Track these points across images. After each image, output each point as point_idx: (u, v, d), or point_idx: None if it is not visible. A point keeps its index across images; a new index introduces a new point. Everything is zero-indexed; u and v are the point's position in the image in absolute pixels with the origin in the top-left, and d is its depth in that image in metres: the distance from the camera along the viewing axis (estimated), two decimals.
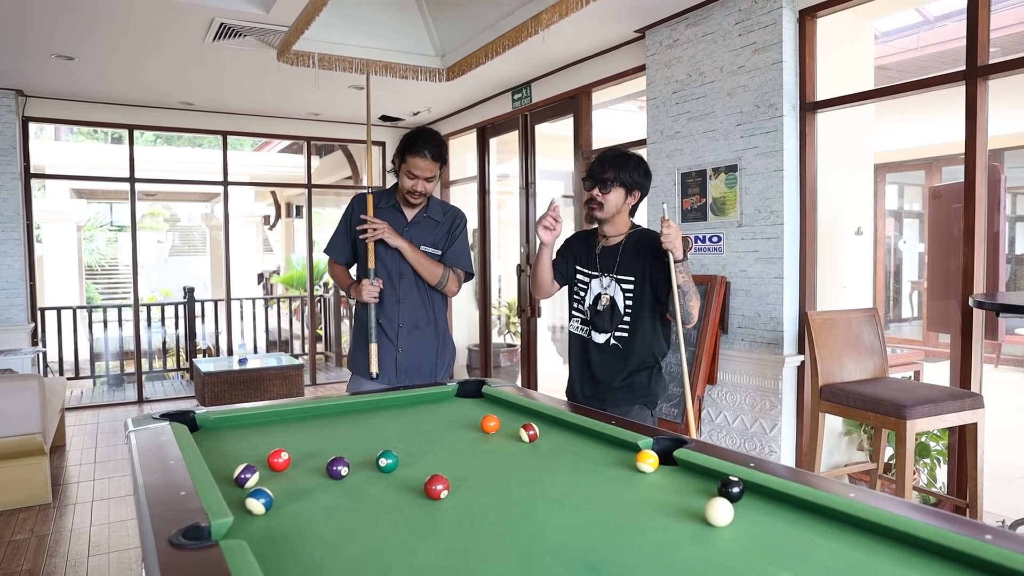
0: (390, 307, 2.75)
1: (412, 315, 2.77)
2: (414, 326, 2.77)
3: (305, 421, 2.19)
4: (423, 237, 2.78)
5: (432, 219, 2.80)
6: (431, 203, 2.83)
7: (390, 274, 2.74)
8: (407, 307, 2.76)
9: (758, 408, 3.74)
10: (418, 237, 2.78)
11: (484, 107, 6.40)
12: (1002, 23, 5.10)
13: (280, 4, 3.85)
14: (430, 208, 2.82)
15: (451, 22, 2.64)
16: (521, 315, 6.04)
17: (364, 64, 2.70)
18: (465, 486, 1.56)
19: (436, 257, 2.80)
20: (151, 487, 1.45)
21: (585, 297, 2.56)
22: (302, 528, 1.34)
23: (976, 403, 2.91)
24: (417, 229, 2.78)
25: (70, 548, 3.40)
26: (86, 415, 6.28)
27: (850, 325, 3.32)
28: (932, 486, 3.60)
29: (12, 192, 5.78)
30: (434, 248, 2.80)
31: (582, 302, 2.58)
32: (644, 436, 1.81)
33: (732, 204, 3.82)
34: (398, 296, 2.75)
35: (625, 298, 2.45)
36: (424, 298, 2.79)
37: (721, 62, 3.84)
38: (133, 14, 4.06)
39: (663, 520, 1.37)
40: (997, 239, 3.40)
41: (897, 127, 7.05)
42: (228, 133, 7.01)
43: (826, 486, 1.43)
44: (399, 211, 2.78)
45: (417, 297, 2.77)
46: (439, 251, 2.81)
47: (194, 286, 8.39)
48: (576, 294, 2.61)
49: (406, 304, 2.76)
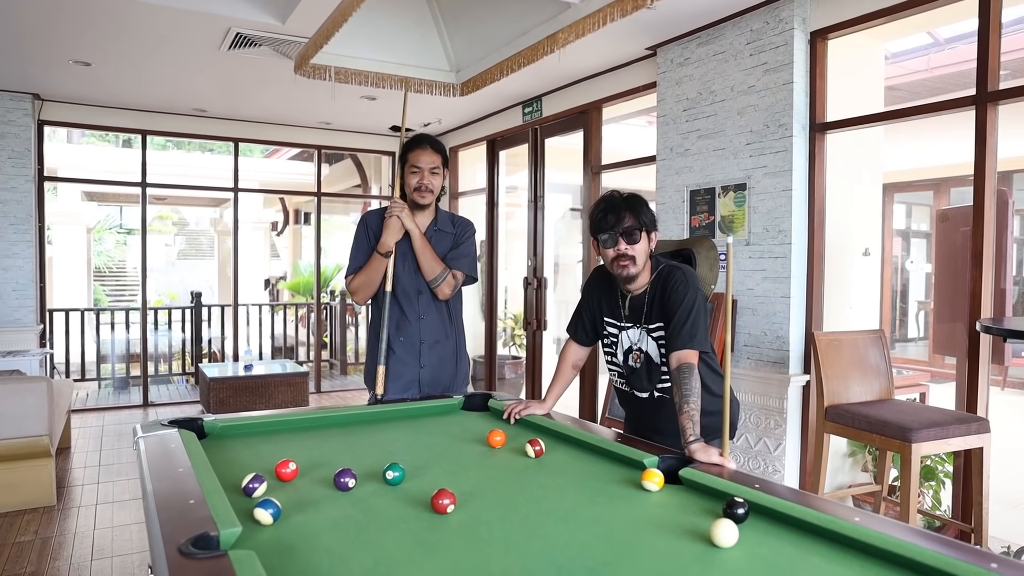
0: (411, 324, 2.74)
1: (433, 331, 2.77)
2: (435, 341, 2.77)
3: (312, 431, 2.21)
4: (437, 250, 2.76)
5: (442, 231, 2.80)
6: (440, 215, 2.82)
7: (408, 292, 2.73)
8: (427, 323, 2.76)
9: (763, 427, 3.73)
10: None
11: (494, 120, 6.44)
12: (1013, 46, 5.12)
13: (296, 15, 3.90)
14: (439, 220, 2.81)
15: (467, 38, 2.67)
16: (527, 328, 6.05)
17: (380, 78, 2.73)
18: (471, 501, 1.57)
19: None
20: (160, 494, 1.47)
21: (616, 351, 2.31)
22: (310, 540, 1.35)
23: (982, 427, 2.91)
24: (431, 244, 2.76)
25: (74, 551, 3.41)
26: (91, 417, 6.31)
27: (856, 346, 3.32)
28: (936, 509, 3.58)
29: (26, 194, 5.84)
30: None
31: (615, 355, 2.33)
32: (650, 454, 1.82)
33: (740, 222, 3.83)
34: (418, 313, 2.75)
35: (660, 347, 2.19)
36: (442, 313, 2.79)
37: (732, 81, 3.86)
38: (152, 23, 4.12)
39: (668, 540, 1.38)
40: (1005, 263, 3.40)
41: (906, 147, 7.06)
42: (240, 140, 7.07)
43: (831, 509, 1.44)
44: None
45: (436, 312, 2.77)
46: None
47: (201, 291, 8.43)
48: (608, 347, 2.35)
49: (426, 320, 2.76)
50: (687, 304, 2.10)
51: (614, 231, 2.13)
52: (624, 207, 2.14)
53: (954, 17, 3.65)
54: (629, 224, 2.12)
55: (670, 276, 2.17)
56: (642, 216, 2.15)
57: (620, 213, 2.13)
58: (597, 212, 2.18)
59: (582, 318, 2.39)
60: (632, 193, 2.20)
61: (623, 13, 1.80)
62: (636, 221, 2.13)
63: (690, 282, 2.15)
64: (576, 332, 2.41)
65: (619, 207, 2.14)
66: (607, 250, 2.17)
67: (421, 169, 2.65)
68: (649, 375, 2.23)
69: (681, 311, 2.10)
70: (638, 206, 2.16)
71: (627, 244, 2.13)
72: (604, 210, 2.16)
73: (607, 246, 2.16)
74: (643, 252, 2.16)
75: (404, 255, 2.73)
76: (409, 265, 2.73)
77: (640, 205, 2.16)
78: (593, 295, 2.36)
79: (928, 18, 3.49)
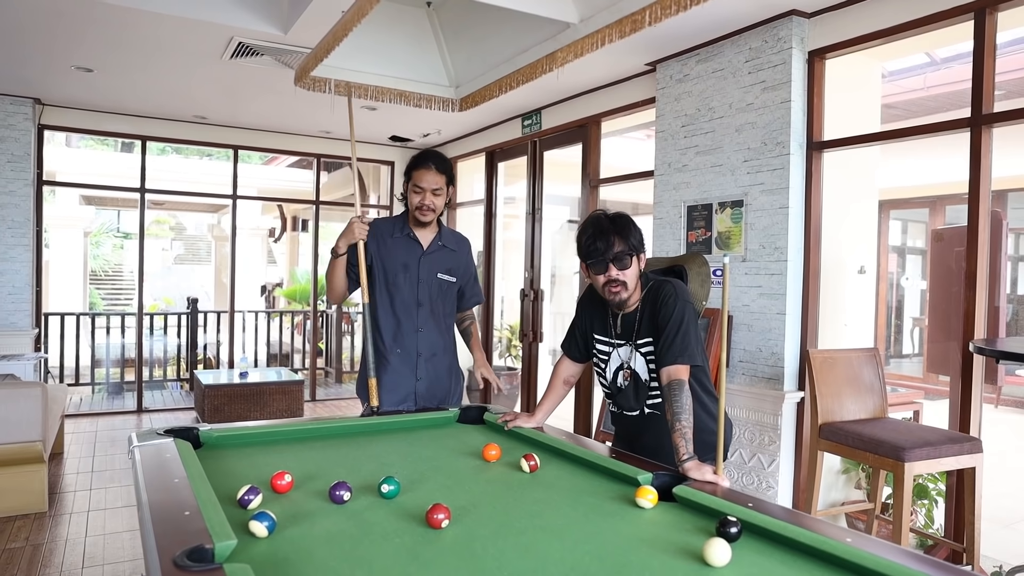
0: (408, 336, 2.74)
1: (430, 344, 2.77)
2: (432, 354, 2.77)
3: (308, 442, 2.21)
4: (439, 265, 2.79)
5: (447, 247, 2.82)
6: (443, 231, 2.84)
7: (407, 304, 2.74)
8: (425, 336, 2.76)
9: (756, 443, 3.74)
10: (435, 265, 2.78)
11: (494, 131, 6.47)
12: (1007, 67, 5.17)
13: (298, 26, 3.93)
14: (443, 236, 2.82)
15: (467, 55, 2.69)
16: (523, 339, 6.06)
17: (379, 92, 2.75)
18: (466, 516, 1.57)
19: (451, 284, 2.82)
20: (156, 505, 1.47)
21: (605, 370, 2.28)
22: (304, 553, 1.35)
23: (975, 447, 2.92)
24: (433, 258, 2.78)
25: (64, 559, 3.39)
26: (85, 423, 6.29)
27: (851, 364, 3.33)
28: (929, 528, 3.59)
29: (24, 198, 5.84)
30: (449, 275, 2.81)
31: (604, 374, 2.30)
32: (644, 471, 1.82)
33: (737, 239, 3.85)
34: (416, 325, 2.74)
35: (648, 365, 2.16)
36: (440, 326, 2.81)
37: (730, 98, 3.90)
38: (156, 31, 4.14)
39: (662, 558, 1.38)
40: (998, 283, 3.43)
41: (902, 165, 7.11)
42: (239, 147, 7.08)
43: (824, 530, 1.45)
44: (414, 240, 2.77)
45: (434, 325, 2.78)
46: (454, 278, 2.83)
47: (198, 297, 8.43)
48: (597, 364, 2.32)
49: (424, 333, 2.75)
50: (676, 317, 2.07)
51: (604, 258, 2.07)
52: (612, 231, 2.07)
53: (950, 39, 3.69)
54: (619, 250, 2.07)
55: (660, 290, 2.14)
56: (631, 239, 2.09)
57: (609, 238, 2.07)
58: (585, 238, 2.11)
59: (575, 335, 2.36)
60: (619, 213, 2.15)
61: (622, 34, 1.83)
62: (626, 245, 2.07)
63: (679, 295, 2.12)
64: (569, 348, 2.38)
65: (607, 232, 2.07)
66: (597, 276, 2.12)
67: (423, 190, 2.66)
68: (636, 394, 2.20)
69: (671, 325, 2.06)
70: (626, 229, 2.09)
71: (618, 270, 2.08)
72: (592, 236, 2.09)
73: (597, 272, 2.11)
74: (633, 276, 2.12)
75: (406, 267, 2.73)
76: (410, 276, 2.74)
77: (628, 227, 2.10)
78: (585, 312, 2.33)
79: (925, 40, 3.53)
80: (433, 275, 2.77)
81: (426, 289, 2.75)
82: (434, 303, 2.77)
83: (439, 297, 2.79)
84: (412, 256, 2.74)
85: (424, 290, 2.75)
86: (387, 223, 2.81)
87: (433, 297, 2.77)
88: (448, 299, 2.84)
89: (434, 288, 2.77)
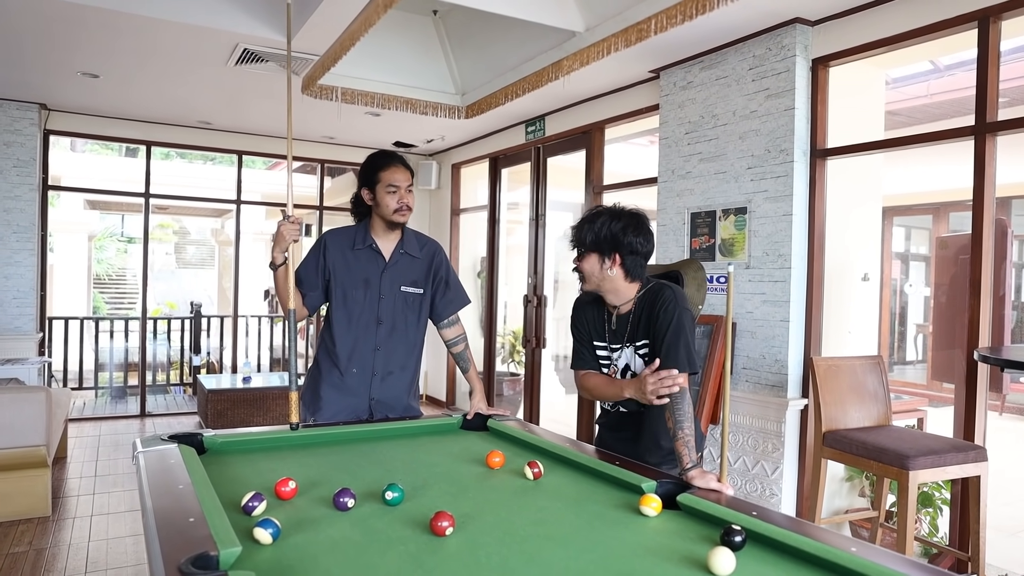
0: (365, 355, 2.56)
1: (387, 363, 2.59)
2: (388, 373, 2.60)
3: (311, 448, 2.21)
4: (403, 277, 2.61)
5: (410, 255, 2.63)
6: (407, 236, 2.63)
7: (367, 322, 2.56)
8: (383, 355, 2.58)
9: (760, 450, 3.74)
10: (398, 277, 2.60)
11: (497, 137, 6.49)
12: (1011, 74, 5.17)
13: (303, 32, 3.94)
14: (406, 243, 2.63)
15: (472, 62, 2.71)
16: (527, 345, 6.06)
17: (386, 99, 2.76)
18: (470, 523, 1.57)
19: (416, 296, 2.63)
20: (160, 512, 1.47)
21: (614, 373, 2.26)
22: (309, 560, 1.35)
23: (980, 456, 2.91)
24: (397, 269, 2.60)
25: (67, 563, 3.39)
26: (88, 427, 6.30)
27: (854, 372, 3.33)
28: (933, 536, 3.57)
29: (30, 203, 5.87)
30: (414, 287, 2.62)
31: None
32: (647, 479, 1.82)
33: (741, 246, 3.85)
34: (375, 344, 2.57)
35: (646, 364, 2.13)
36: (401, 342, 2.62)
37: (734, 106, 3.90)
38: (162, 37, 4.16)
39: (665, 567, 1.38)
40: (1003, 290, 3.42)
41: (906, 171, 7.10)
42: (243, 153, 7.11)
43: (828, 539, 1.44)
44: (377, 251, 2.59)
45: (394, 344, 2.60)
46: (420, 290, 2.64)
47: (201, 302, 8.44)
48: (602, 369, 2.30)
49: (382, 352, 2.58)
50: (676, 325, 2.06)
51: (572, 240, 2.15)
52: (584, 221, 2.12)
53: (954, 46, 3.69)
54: (575, 239, 2.13)
55: (659, 294, 2.12)
56: (589, 234, 2.09)
57: (581, 225, 2.12)
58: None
59: (583, 350, 2.31)
60: (605, 208, 2.14)
61: (627, 43, 1.84)
62: (580, 237, 2.12)
63: (679, 302, 2.11)
64: (585, 363, 2.30)
65: (584, 219, 2.13)
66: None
67: (399, 187, 2.50)
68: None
69: (671, 333, 2.06)
70: (591, 222, 2.10)
71: (576, 258, 2.15)
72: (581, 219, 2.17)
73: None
74: (589, 272, 2.13)
75: (367, 282, 2.57)
76: (371, 293, 2.56)
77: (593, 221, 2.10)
78: (580, 324, 2.31)
79: (928, 47, 3.53)
80: (396, 289, 2.59)
81: (388, 305, 2.57)
82: (396, 319, 2.59)
83: (403, 311, 2.61)
84: (374, 270, 2.57)
85: (386, 306, 2.57)
86: (345, 233, 2.63)
87: (396, 312, 2.59)
88: (413, 311, 2.63)
89: (398, 302, 2.59)
